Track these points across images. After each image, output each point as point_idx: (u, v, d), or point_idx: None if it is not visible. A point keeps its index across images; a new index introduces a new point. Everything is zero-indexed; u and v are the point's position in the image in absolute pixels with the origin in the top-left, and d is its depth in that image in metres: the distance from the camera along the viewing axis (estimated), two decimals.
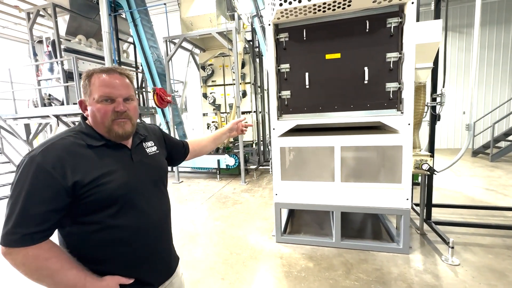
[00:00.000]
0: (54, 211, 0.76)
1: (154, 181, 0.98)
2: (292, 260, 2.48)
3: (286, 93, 2.64)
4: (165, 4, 5.99)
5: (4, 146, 5.49)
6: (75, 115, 5.43)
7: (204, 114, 6.96)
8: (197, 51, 7.07)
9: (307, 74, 2.56)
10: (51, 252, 0.76)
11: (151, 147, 1.04)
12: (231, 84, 6.56)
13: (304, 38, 2.54)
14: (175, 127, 5.97)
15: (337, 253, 2.55)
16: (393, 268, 2.27)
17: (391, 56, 2.34)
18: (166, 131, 3.97)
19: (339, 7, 2.30)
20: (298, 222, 3.31)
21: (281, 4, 2.31)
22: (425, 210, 2.81)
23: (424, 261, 2.35)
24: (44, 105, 5.69)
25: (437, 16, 2.58)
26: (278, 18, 2.48)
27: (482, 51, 7.95)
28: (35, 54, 5.65)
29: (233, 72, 6.35)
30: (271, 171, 2.60)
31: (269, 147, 7.39)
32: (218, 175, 5.94)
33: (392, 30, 2.32)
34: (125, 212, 0.86)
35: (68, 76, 5.50)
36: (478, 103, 8.15)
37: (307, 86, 2.58)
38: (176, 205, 4.27)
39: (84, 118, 0.92)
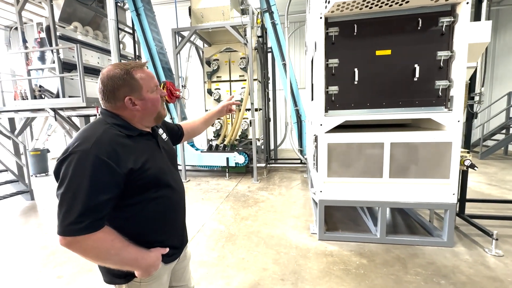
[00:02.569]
0: (113, 197, 0.84)
1: (172, 163, 1.12)
2: (344, 258, 2.45)
3: (333, 89, 2.60)
4: None
5: None
6: (73, 109, 4.98)
7: (207, 110, 6.72)
8: (199, 43, 6.82)
9: (356, 69, 2.54)
10: (112, 234, 0.85)
11: (162, 134, 1.15)
12: (237, 81, 6.41)
13: (355, 33, 2.52)
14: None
15: (385, 249, 2.57)
16: (445, 261, 2.33)
17: (442, 54, 2.39)
18: None
19: (396, 3, 2.31)
20: (331, 219, 3.30)
21: None
22: (458, 205, 2.92)
23: (470, 254, 2.44)
24: (35, 97, 5.15)
25: (477, 17, 2.68)
26: (332, 12, 2.43)
27: None
28: (24, 41, 5.07)
29: (241, 68, 6.22)
30: (316, 167, 2.56)
31: (275, 146, 7.34)
32: (227, 174, 5.77)
33: (443, 28, 2.37)
34: (162, 191, 0.99)
35: (64, 66, 5.03)
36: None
37: (356, 82, 2.57)
38: (194, 204, 4.07)
39: (110, 113, 0.96)
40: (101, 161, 0.81)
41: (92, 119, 6.46)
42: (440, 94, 2.46)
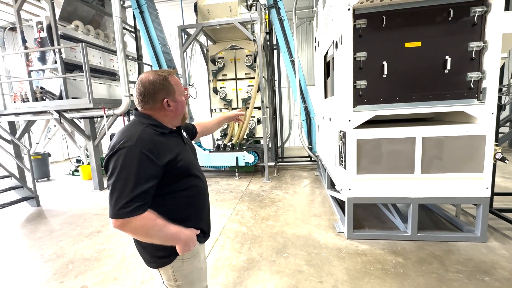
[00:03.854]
0: (154, 186, 0.98)
1: (195, 157, 1.28)
2: (378, 257, 2.38)
3: (361, 83, 2.52)
4: None
5: None
6: (77, 110, 4.80)
7: (213, 110, 6.60)
8: (202, 40, 6.67)
9: (385, 63, 2.47)
10: (154, 214, 0.97)
11: (183, 133, 1.25)
12: (243, 79, 6.30)
13: (383, 25, 2.44)
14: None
15: (418, 246, 2.51)
16: (482, 257, 2.28)
17: (474, 45, 2.33)
18: None
19: None
20: (354, 217, 3.21)
21: None
22: None
23: (506, 248, 2.40)
24: (36, 99, 4.96)
25: (507, 7, 2.62)
26: (361, 2, 2.35)
27: None
28: (24, 41, 4.86)
29: (247, 65, 6.11)
30: (344, 164, 2.49)
31: (280, 144, 7.26)
32: (237, 173, 5.67)
33: (475, 18, 2.31)
34: (192, 180, 1.13)
35: (65, 67, 4.84)
36: None
37: (384, 76, 2.49)
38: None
39: (144, 115, 1.09)
40: (145, 155, 0.94)
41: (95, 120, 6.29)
42: (472, 86, 2.40)
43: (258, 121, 6.35)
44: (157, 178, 0.98)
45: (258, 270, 2.29)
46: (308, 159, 6.38)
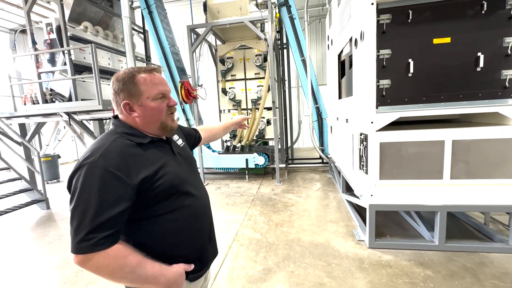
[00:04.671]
0: (125, 211, 0.78)
1: (192, 170, 1.06)
2: (405, 268, 2.22)
3: (385, 82, 2.36)
4: None
5: (2, 150, 4.68)
6: (87, 112, 4.76)
7: (222, 111, 6.50)
8: (211, 40, 6.57)
9: (411, 60, 2.30)
10: (127, 250, 0.79)
11: (178, 140, 1.09)
12: (253, 79, 6.17)
13: (409, 20, 2.28)
14: (195, 125, 5.48)
15: (446, 257, 2.34)
16: None
17: (510, 40, 2.15)
18: None
19: None
20: (375, 224, 3.06)
21: None
22: None
23: None
24: (46, 101, 4.94)
25: None
26: None
27: None
28: (34, 43, 4.85)
29: (257, 65, 5.98)
30: (365, 169, 2.34)
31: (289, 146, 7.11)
32: (247, 176, 5.55)
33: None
34: (181, 200, 0.92)
35: (74, 68, 4.80)
36: None
37: (410, 74, 2.33)
38: (220, 210, 3.85)
39: (119, 120, 0.93)
40: (110, 173, 0.76)
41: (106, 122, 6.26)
42: (507, 84, 2.21)
43: (268, 122, 6.22)
44: (129, 200, 0.79)
45: (276, 282, 2.16)
46: (319, 161, 6.21)
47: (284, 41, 6.45)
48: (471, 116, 2.73)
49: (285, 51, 6.64)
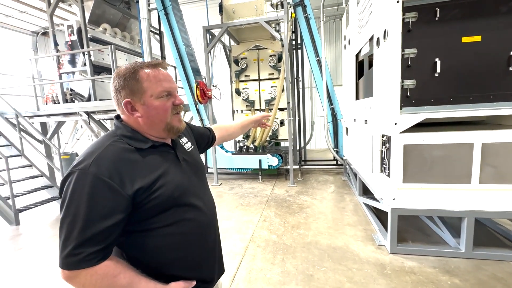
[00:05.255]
0: (117, 224, 0.71)
1: (199, 178, 0.96)
2: (430, 276, 2.13)
3: (410, 82, 2.29)
4: None
5: (24, 148, 4.85)
6: (105, 112, 4.87)
7: (235, 111, 6.51)
8: (225, 40, 6.60)
9: (438, 60, 2.22)
10: (118, 268, 0.72)
11: (186, 143, 1.01)
12: (267, 79, 6.15)
13: (436, 18, 2.20)
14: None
15: (474, 265, 2.23)
16: None
17: None
18: None
19: None
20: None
21: None
22: None
23: None
24: (66, 101, 5.09)
25: None
26: None
27: None
28: (56, 44, 5.02)
29: (271, 66, 5.96)
30: (387, 172, 2.26)
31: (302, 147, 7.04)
32: (260, 177, 5.53)
33: None
34: (183, 212, 0.84)
35: (93, 69, 4.93)
36: None
37: (437, 74, 2.24)
38: (234, 210, 3.84)
39: (121, 121, 0.86)
40: (101, 181, 0.69)
41: None
42: None
43: (281, 123, 6.18)
44: (123, 212, 0.72)
45: (296, 285, 2.12)
46: (333, 162, 6.12)
47: (299, 41, 6.41)
48: (499, 118, 2.60)
49: (299, 51, 6.59)
